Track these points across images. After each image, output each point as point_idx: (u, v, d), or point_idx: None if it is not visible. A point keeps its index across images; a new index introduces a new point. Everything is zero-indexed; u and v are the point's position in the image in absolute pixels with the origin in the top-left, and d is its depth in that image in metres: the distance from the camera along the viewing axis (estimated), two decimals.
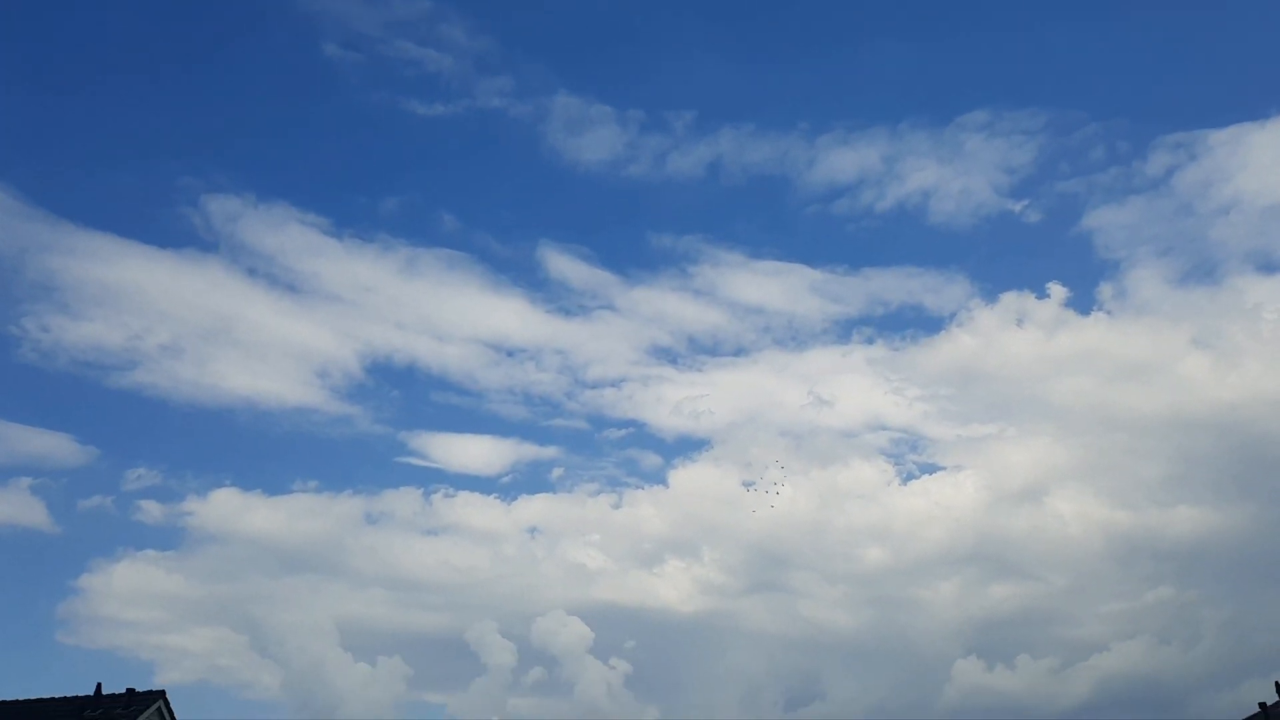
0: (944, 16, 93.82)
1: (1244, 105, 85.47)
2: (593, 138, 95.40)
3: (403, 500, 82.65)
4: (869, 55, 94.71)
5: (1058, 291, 77.02)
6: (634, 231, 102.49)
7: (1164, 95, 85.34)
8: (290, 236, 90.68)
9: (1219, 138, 75.02)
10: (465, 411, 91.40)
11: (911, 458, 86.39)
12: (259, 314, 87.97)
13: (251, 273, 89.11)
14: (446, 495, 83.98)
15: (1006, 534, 70.45)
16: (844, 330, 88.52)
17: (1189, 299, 76.08)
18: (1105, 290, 79.09)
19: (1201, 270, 77.74)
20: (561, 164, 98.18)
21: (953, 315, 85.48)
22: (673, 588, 74.76)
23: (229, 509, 78.07)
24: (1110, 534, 67.38)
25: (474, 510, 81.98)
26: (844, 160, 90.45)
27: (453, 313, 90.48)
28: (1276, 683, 31.13)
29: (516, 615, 74.82)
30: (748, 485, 79.49)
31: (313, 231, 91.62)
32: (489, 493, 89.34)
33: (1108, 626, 62.88)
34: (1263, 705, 31.38)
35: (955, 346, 77.85)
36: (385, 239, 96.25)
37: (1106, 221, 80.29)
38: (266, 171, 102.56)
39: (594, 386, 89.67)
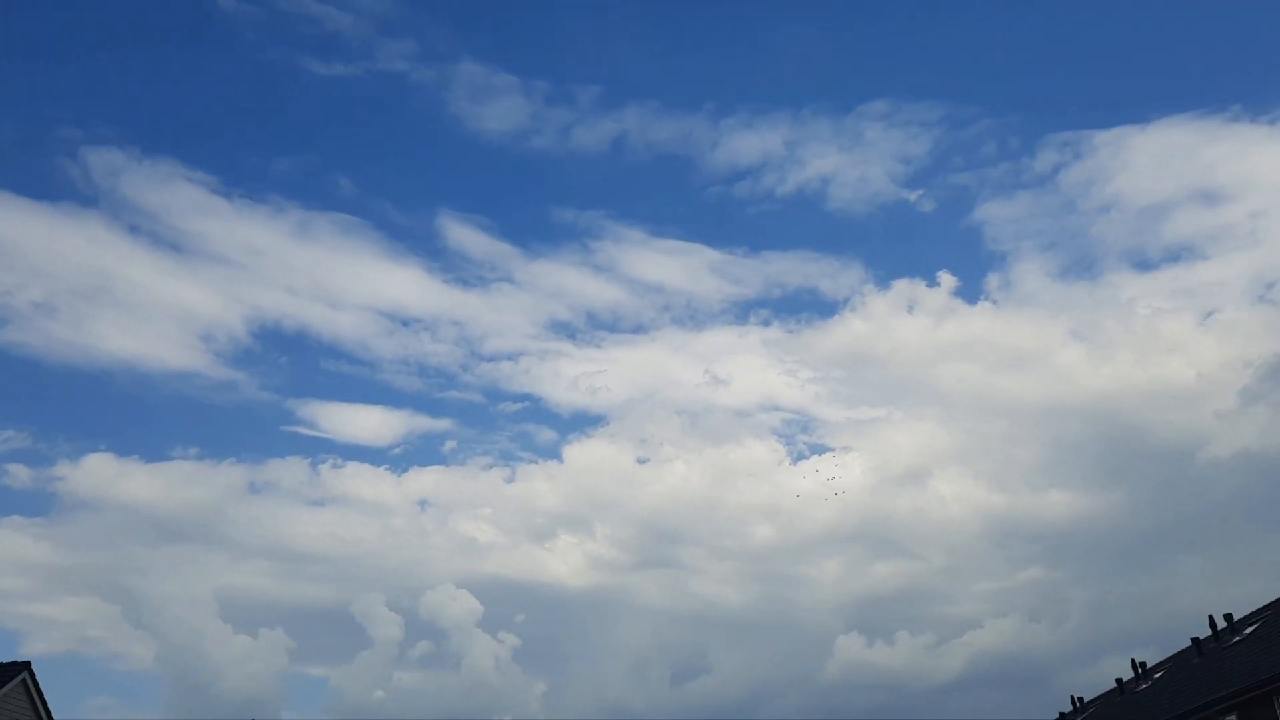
0: (850, 6, 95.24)
1: (1128, 109, 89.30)
2: (496, 107, 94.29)
3: (289, 470, 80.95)
4: (775, 40, 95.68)
5: (947, 280, 79.50)
6: (536, 204, 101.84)
7: (1054, 95, 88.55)
8: (176, 194, 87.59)
9: (1104, 138, 78.28)
10: (357, 381, 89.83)
11: (802, 438, 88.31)
12: (140, 273, 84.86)
13: (134, 230, 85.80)
14: (335, 466, 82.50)
15: (890, 514, 72.71)
16: (741, 311, 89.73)
17: (1069, 292, 79.36)
18: (992, 281, 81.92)
19: (1081, 265, 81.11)
20: (464, 132, 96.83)
21: (847, 300, 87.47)
22: (564, 562, 75.07)
23: (103, 475, 75.40)
24: (987, 516, 70.12)
25: (363, 482, 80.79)
26: (747, 143, 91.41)
27: (347, 279, 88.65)
28: (1133, 660, 32.89)
29: (404, 588, 74.18)
30: (642, 461, 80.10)
31: (200, 190, 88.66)
32: (379, 464, 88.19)
33: (982, 604, 65.51)
34: (1119, 681, 33.09)
35: (848, 331, 79.76)
36: (277, 201, 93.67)
37: (995, 215, 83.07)
38: (153, 125, 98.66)
39: (490, 359, 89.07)
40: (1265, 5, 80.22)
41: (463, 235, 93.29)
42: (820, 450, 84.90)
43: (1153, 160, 75.10)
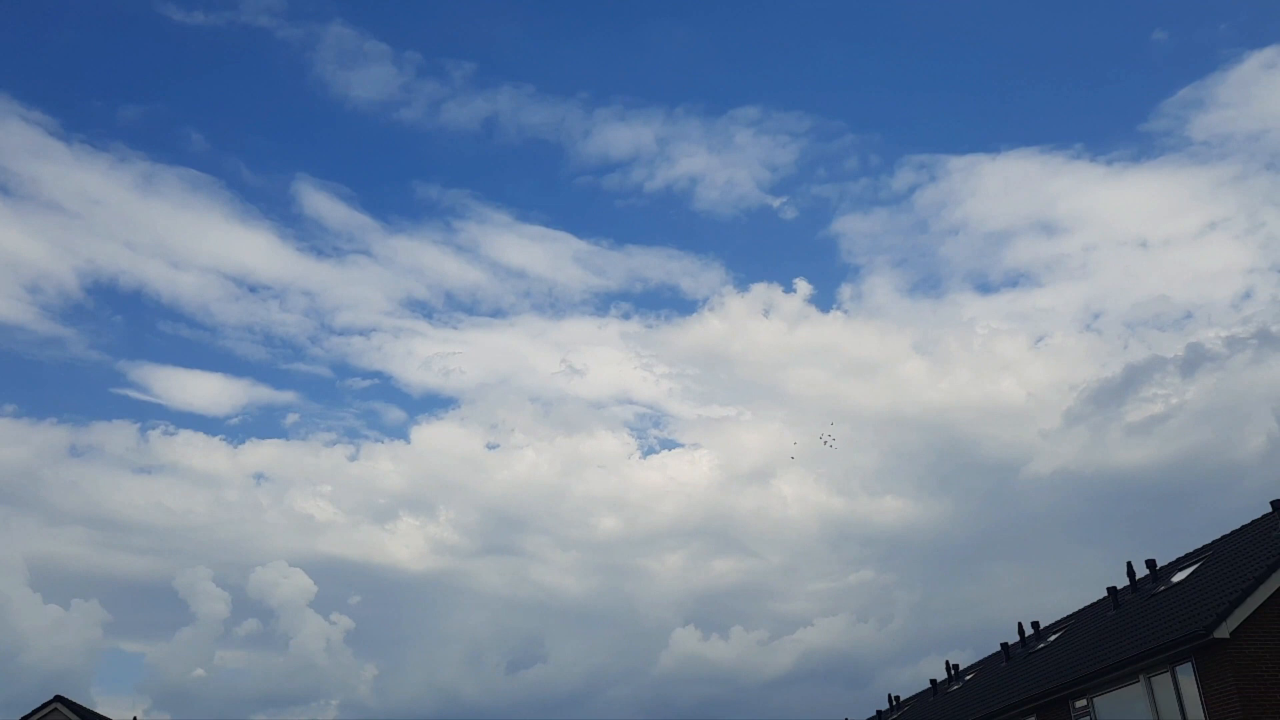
0: (730, 12, 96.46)
1: (981, 137, 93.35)
2: (365, 74, 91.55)
3: (115, 434, 76.90)
4: (654, 37, 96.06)
5: (803, 287, 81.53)
6: (400, 178, 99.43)
7: (915, 118, 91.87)
8: (10, 133, 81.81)
9: (957, 164, 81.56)
10: (196, 345, 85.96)
11: (653, 432, 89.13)
12: None
13: None
14: (166, 433, 78.70)
15: (733, 512, 74.15)
16: (602, 303, 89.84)
17: (915, 308, 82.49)
18: (845, 291, 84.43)
19: (929, 283, 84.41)
20: (329, 96, 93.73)
21: (706, 299, 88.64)
22: (405, 545, 73.66)
23: None
24: (825, 518, 72.30)
25: (195, 451, 77.36)
26: (619, 135, 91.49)
27: (192, 238, 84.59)
28: (947, 662, 34.37)
29: (233, 564, 71.38)
30: (492, 447, 79.30)
31: (37, 131, 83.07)
32: (214, 434, 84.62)
33: (814, 603, 67.53)
34: (933, 681, 34.54)
35: (705, 329, 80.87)
36: (121, 149, 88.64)
37: (852, 228, 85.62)
38: None
39: (341, 333, 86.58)
40: (1113, 56, 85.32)
41: (320, 203, 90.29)
42: (670, 445, 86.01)
43: (1000, 189, 78.92)
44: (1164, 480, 62.93)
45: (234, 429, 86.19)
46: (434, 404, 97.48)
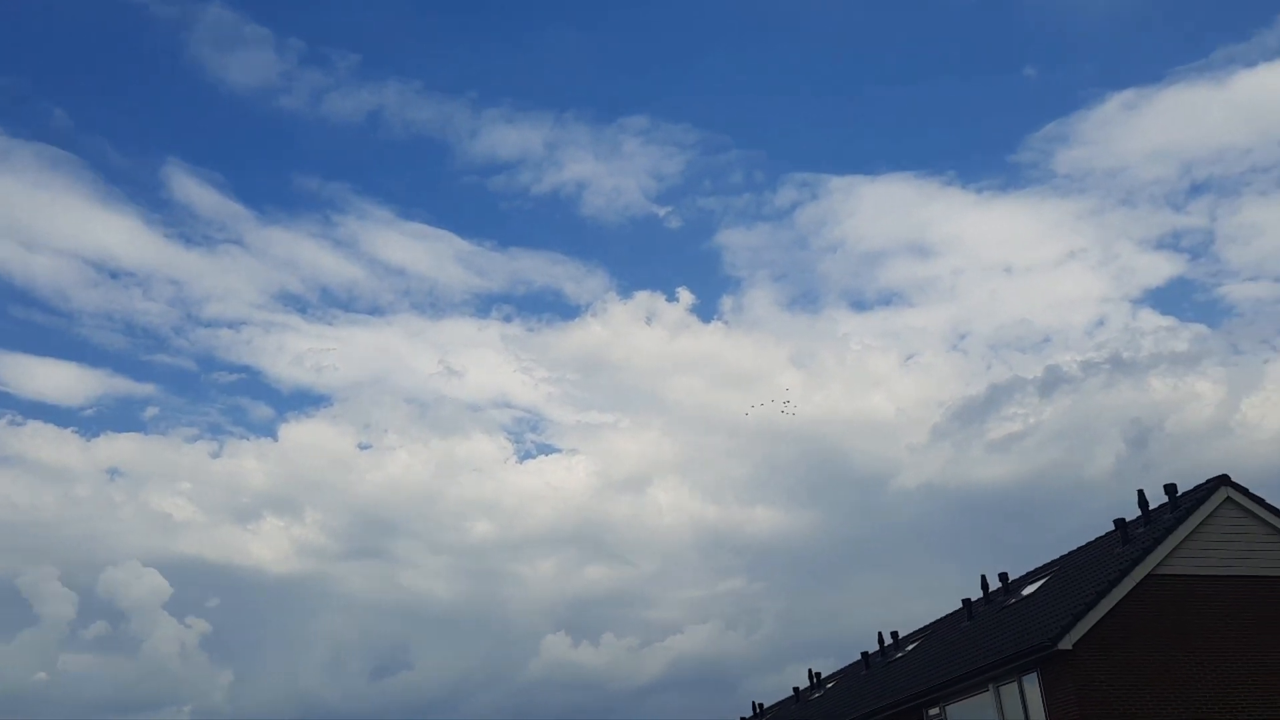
0: (624, 21, 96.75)
1: (861, 160, 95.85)
2: (244, 59, 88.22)
3: None
4: (547, 40, 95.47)
5: (686, 297, 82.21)
6: (278, 167, 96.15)
7: (799, 137, 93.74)
8: None
9: (838, 183, 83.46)
10: (49, 332, 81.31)
11: (531, 437, 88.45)
12: None
13: None
14: (13, 423, 74.29)
15: (608, 518, 74.19)
16: (484, 304, 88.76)
17: (793, 322, 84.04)
18: (726, 302, 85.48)
19: (807, 298, 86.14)
20: (204, 79, 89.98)
21: (589, 305, 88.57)
22: (268, 547, 71.25)
23: None
24: (699, 526, 73.02)
25: (44, 443, 73.20)
26: (507, 137, 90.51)
27: (48, 219, 79.91)
28: (809, 670, 35.13)
29: (82, 563, 67.74)
30: (364, 447, 77.59)
31: None
32: (66, 425, 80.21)
33: (684, 611, 68.13)
34: (796, 689, 35.25)
35: (587, 335, 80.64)
36: None
37: (735, 241, 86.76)
38: None
39: (209, 325, 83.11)
40: (986, 89, 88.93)
41: (191, 189, 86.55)
42: (548, 450, 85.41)
43: (877, 209, 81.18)
44: (1020, 496, 65.69)
45: (87, 421, 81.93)
46: (304, 401, 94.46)
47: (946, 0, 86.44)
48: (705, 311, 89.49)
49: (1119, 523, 20.46)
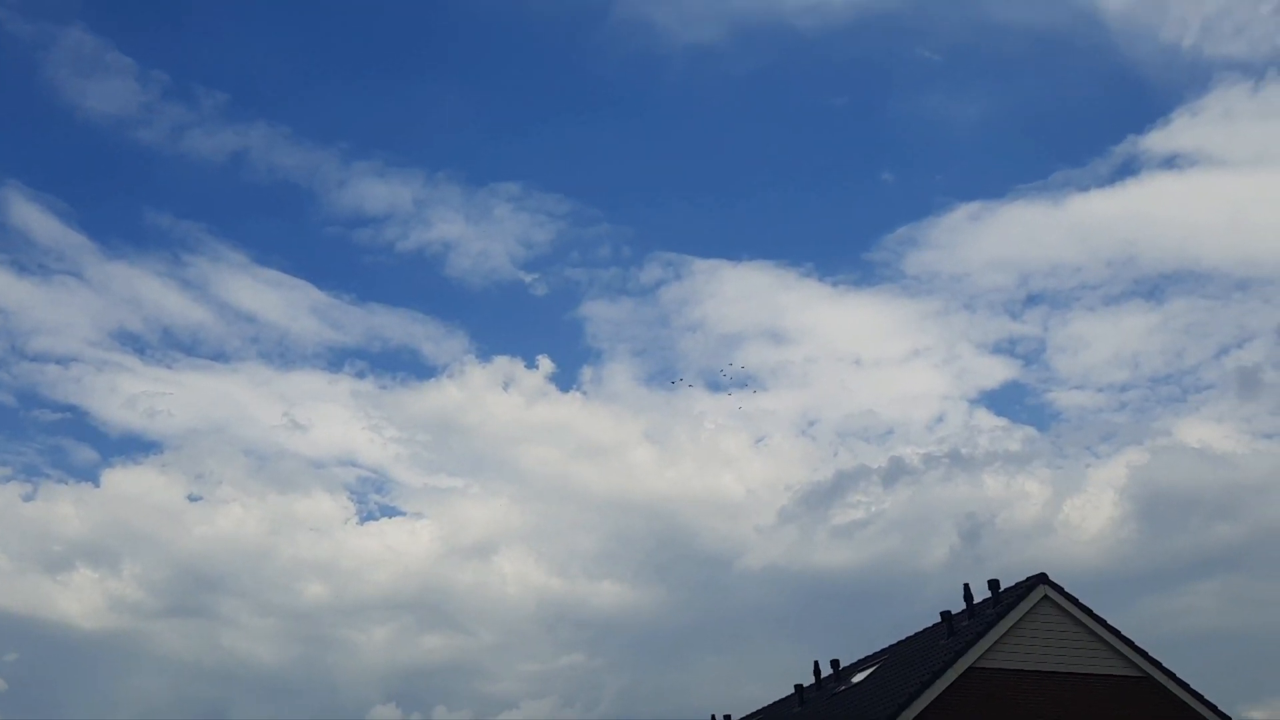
0: (507, 85, 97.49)
1: (726, 245, 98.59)
2: (104, 86, 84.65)
3: None
4: (423, 97, 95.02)
5: (546, 365, 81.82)
6: (129, 201, 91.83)
7: (669, 218, 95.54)
8: None
9: (701, 266, 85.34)
10: None
11: (375, 498, 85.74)
12: None
13: None
14: None
15: (450, 586, 72.19)
16: (336, 358, 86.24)
17: (650, 397, 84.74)
18: (586, 373, 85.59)
19: (665, 375, 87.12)
20: (58, 103, 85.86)
21: (446, 366, 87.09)
22: (78, 599, 66.43)
23: None
24: (543, 598, 71.77)
25: None
26: (376, 191, 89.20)
27: None
28: None
29: None
30: (194, 499, 73.71)
31: None
32: None
33: (522, 685, 66.47)
34: None
35: (442, 396, 79.22)
36: None
37: (599, 313, 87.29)
38: None
39: (35, 359, 78.04)
40: (847, 189, 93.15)
41: (29, 214, 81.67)
42: (392, 513, 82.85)
43: (736, 294, 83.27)
44: (859, 582, 67.11)
45: None
46: (133, 447, 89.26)
47: (817, 104, 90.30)
48: (564, 381, 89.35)
49: (945, 615, 21.00)
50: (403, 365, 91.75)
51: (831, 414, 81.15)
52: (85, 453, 79.04)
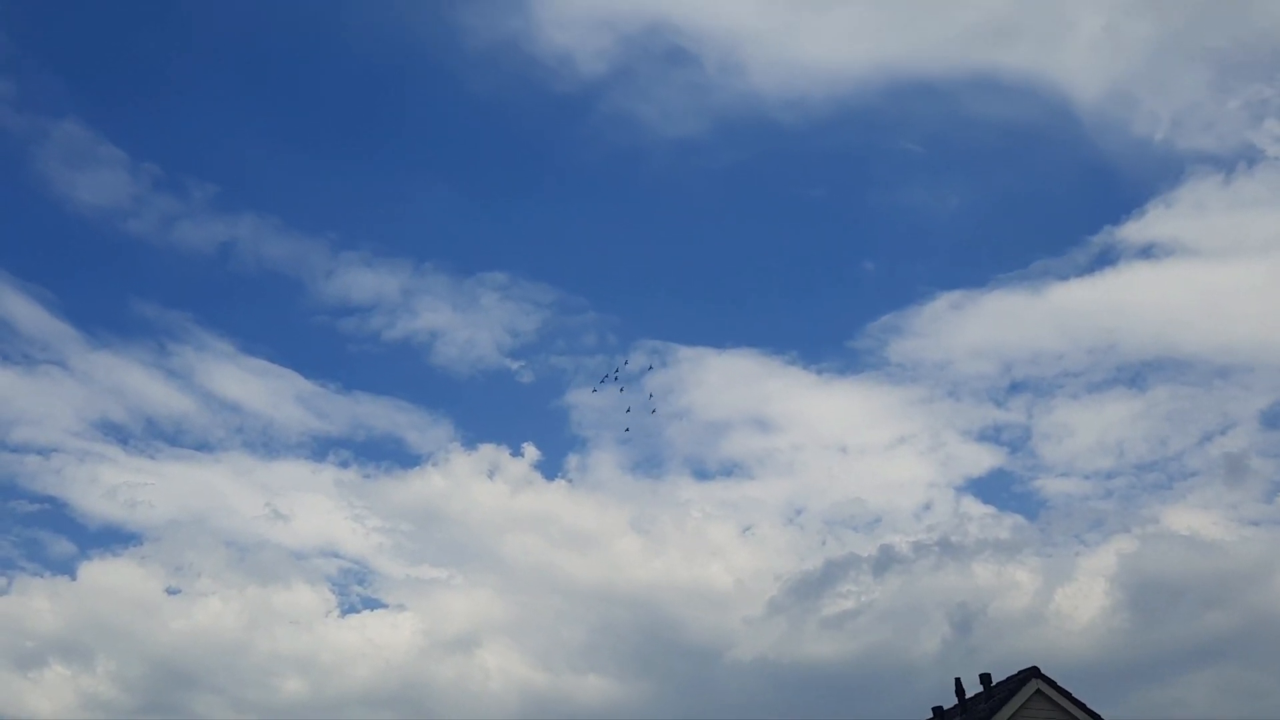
0: (492, 178, 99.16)
1: (711, 333, 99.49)
2: (95, 178, 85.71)
3: None
4: (413, 190, 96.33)
5: (531, 452, 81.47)
6: (116, 291, 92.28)
7: (653, 306, 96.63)
8: None
9: (686, 353, 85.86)
10: None
11: (357, 589, 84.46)
12: None
13: None
14: None
15: (432, 680, 70.58)
16: (321, 448, 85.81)
17: (636, 486, 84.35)
18: (572, 461, 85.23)
19: (650, 463, 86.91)
20: (49, 194, 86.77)
21: (430, 455, 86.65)
22: (49, 698, 64.52)
23: None
24: (526, 692, 70.21)
25: None
26: (364, 281, 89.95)
27: None
28: None
29: None
30: (172, 592, 72.42)
31: None
32: None
33: None
34: None
35: (427, 485, 78.68)
36: None
37: (584, 401, 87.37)
38: None
39: (16, 450, 77.37)
40: (830, 278, 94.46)
41: (15, 304, 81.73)
42: (374, 605, 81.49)
43: (721, 382, 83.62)
44: (850, 675, 66.01)
45: None
46: (112, 539, 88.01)
47: (799, 195, 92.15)
48: (549, 469, 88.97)
49: (937, 710, 20.74)
50: (387, 454, 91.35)
51: (819, 502, 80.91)
52: (63, 545, 77.79)
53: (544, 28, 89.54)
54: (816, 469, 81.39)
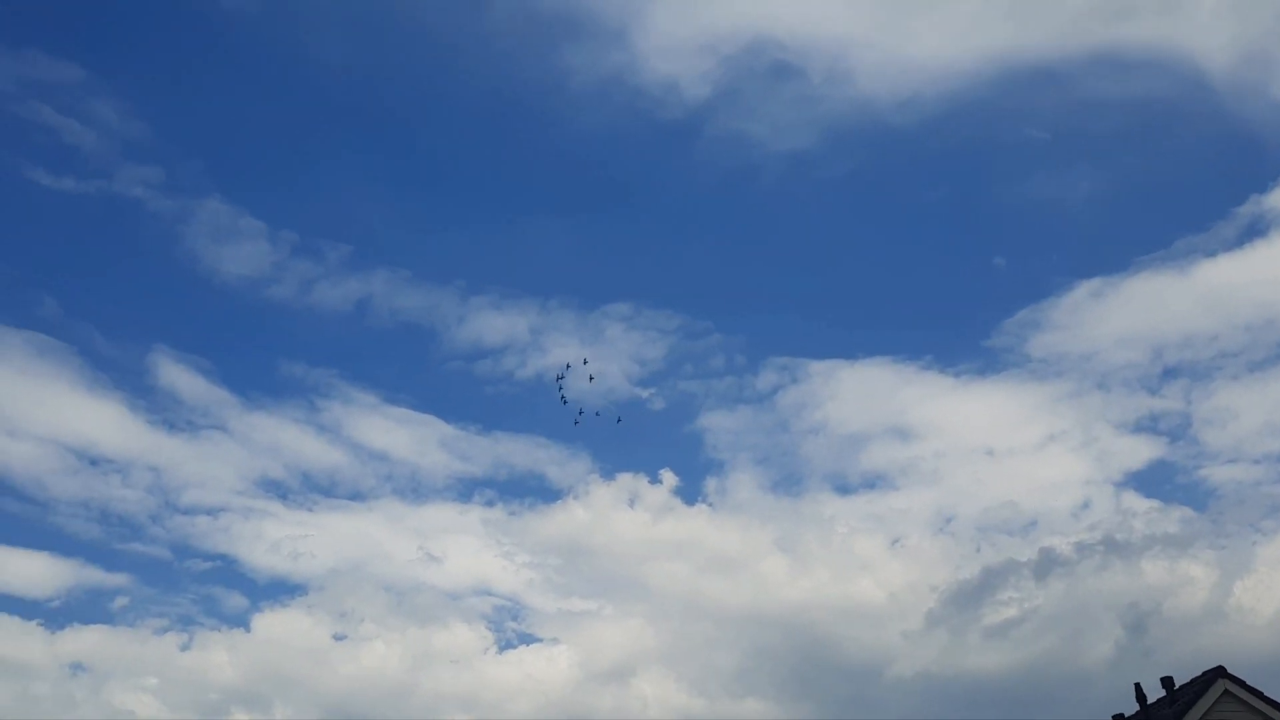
0: (606, 211, 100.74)
1: (840, 345, 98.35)
2: (239, 250, 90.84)
3: None
4: (532, 231, 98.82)
5: (669, 479, 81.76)
6: (265, 354, 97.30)
7: (780, 323, 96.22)
8: None
9: (817, 368, 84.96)
10: (22, 521, 79.76)
11: (511, 625, 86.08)
12: None
13: None
14: None
15: (592, 712, 71.22)
16: (466, 489, 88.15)
17: (777, 505, 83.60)
18: (710, 484, 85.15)
19: (790, 481, 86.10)
20: (199, 270, 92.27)
21: (571, 488, 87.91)
22: None
23: None
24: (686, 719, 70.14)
25: (7, 636, 70.68)
26: (493, 324, 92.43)
27: (33, 406, 79.70)
28: None
29: None
30: (339, 638, 75.22)
31: None
32: (31, 618, 77.61)
33: None
34: None
35: (570, 518, 79.83)
36: None
37: (718, 424, 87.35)
38: None
39: (187, 512, 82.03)
40: (959, 277, 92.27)
41: (176, 375, 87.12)
42: (529, 640, 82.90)
43: (856, 393, 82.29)
44: (1018, 685, 63.64)
45: (53, 613, 79.21)
46: (280, 590, 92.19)
47: (919, 197, 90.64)
48: (689, 494, 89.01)
49: (1118, 717, 19.85)
50: (530, 490, 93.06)
51: (969, 508, 78.52)
52: (236, 599, 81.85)
53: (647, 58, 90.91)
54: (963, 475, 79.09)
